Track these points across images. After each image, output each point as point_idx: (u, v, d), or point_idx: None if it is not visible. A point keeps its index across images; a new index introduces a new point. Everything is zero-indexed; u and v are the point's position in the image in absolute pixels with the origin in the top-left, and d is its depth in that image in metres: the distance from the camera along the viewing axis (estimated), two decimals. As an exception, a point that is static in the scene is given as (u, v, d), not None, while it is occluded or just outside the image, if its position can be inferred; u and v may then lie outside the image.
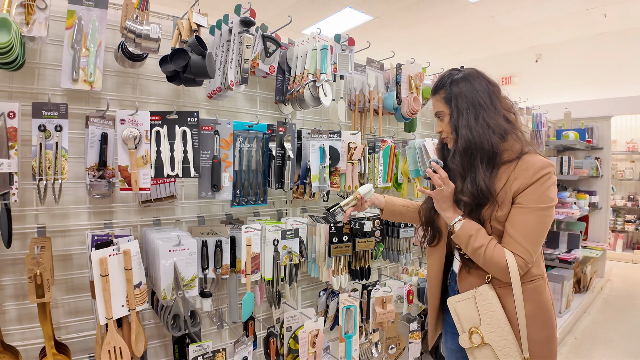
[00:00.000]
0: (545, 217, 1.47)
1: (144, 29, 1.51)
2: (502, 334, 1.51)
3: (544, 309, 1.54)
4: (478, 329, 1.55)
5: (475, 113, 1.52)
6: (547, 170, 1.46)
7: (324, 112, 2.48)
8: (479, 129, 1.50)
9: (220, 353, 1.77)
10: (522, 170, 1.48)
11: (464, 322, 1.59)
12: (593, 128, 5.76)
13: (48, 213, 1.60)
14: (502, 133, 1.51)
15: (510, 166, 1.51)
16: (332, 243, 2.13)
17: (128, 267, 1.50)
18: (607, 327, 4.49)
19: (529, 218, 1.46)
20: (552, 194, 1.47)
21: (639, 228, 7.76)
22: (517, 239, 1.46)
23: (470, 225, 1.52)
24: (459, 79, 1.58)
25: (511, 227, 1.48)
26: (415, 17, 6.56)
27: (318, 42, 1.98)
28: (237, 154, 1.86)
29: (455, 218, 1.56)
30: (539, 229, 1.47)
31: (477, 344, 1.55)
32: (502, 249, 1.47)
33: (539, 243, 1.49)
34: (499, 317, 1.52)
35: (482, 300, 1.55)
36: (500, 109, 1.55)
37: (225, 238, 1.81)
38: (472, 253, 1.52)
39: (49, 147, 1.45)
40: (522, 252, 1.46)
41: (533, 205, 1.45)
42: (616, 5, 6.05)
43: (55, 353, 1.52)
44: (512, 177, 1.49)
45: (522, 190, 1.46)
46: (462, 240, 1.53)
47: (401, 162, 2.60)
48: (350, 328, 2.28)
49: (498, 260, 1.46)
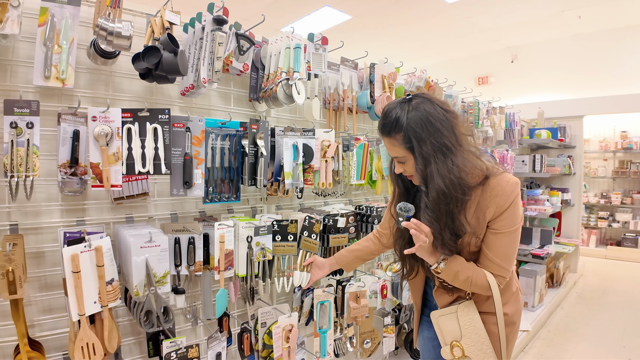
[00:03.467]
0: (518, 234, 1.52)
1: (115, 27, 1.52)
2: (482, 347, 1.56)
3: (512, 297, 1.64)
4: (459, 343, 1.59)
5: (443, 158, 1.39)
6: (516, 192, 1.45)
7: (298, 110, 2.51)
8: (451, 177, 1.38)
9: (193, 348, 1.78)
10: (493, 197, 1.44)
11: (446, 335, 1.63)
12: (565, 127, 5.89)
13: (20, 210, 1.60)
14: (473, 169, 1.44)
15: (477, 191, 1.46)
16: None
17: (100, 264, 1.51)
18: (580, 321, 4.61)
19: (504, 241, 1.49)
20: (521, 211, 1.51)
21: (611, 225, 7.96)
22: (496, 262, 1.50)
23: (454, 263, 1.50)
24: (415, 118, 1.40)
25: (489, 251, 1.50)
26: (393, 17, 6.62)
27: (291, 40, 2.01)
28: (209, 151, 1.88)
29: (438, 259, 1.51)
30: (514, 247, 1.52)
31: (458, 356, 1.59)
32: (484, 272, 1.51)
33: (514, 258, 1.56)
34: (479, 332, 1.57)
35: (463, 315, 1.59)
36: (463, 142, 1.45)
37: (198, 235, 1.82)
38: (460, 285, 1.54)
39: (21, 144, 1.45)
40: (501, 271, 1.51)
41: (508, 230, 1.47)
42: (590, 7, 6.19)
43: (29, 350, 1.51)
44: (482, 203, 1.46)
45: (497, 217, 1.46)
46: (449, 276, 1.52)
47: (375, 160, 2.63)
48: (325, 323, 2.31)
49: (482, 283, 1.50)
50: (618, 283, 6.09)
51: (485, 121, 3.87)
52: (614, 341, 4.08)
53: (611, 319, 4.67)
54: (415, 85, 2.99)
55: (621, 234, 7.83)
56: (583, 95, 7.27)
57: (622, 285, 5.96)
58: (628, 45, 7.12)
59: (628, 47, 7.15)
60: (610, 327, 4.44)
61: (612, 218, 8.07)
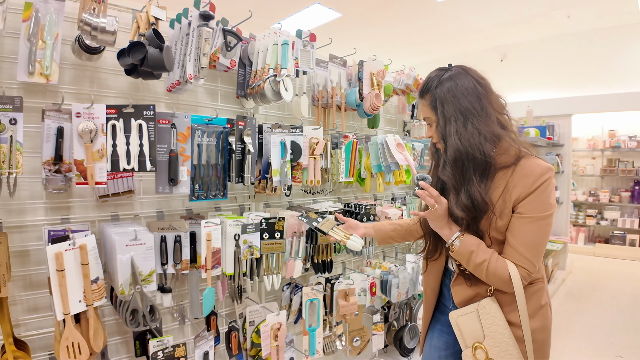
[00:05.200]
0: (547, 225, 1.41)
1: (100, 22, 1.50)
2: (507, 348, 1.45)
3: (540, 311, 1.51)
4: (482, 344, 1.48)
5: (463, 120, 1.41)
6: (547, 176, 1.38)
7: (287, 107, 2.50)
8: (468, 137, 1.39)
9: (180, 347, 1.77)
10: (522, 177, 1.40)
11: (466, 336, 1.52)
12: (554, 125, 5.94)
13: (4, 208, 1.58)
14: (495, 139, 1.42)
15: (507, 172, 1.43)
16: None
17: (85, 262, 1.49)
18: (569, 318, 4.64)
19: (530, 228, 1.39)
20: (552, 201, 1.41)
21: (599, 222, 8.03)
22: (519, 250, 1.40)
23: (470, 241, 1.45)
24: (444, 80, 1.46)
25: (513, 237, 1.42)
26: (383, 15, 6.62)
27: (279, 37, 1.99)
28: (195, 147, 1.86)
29: (453, 235, 1.48)
30: (541, 238, 1.41)
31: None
32: (505, 262, 1.41)
33: (541, 252, 1.43)
34: (503, 332, 1.45)
35: (485, 314, 1.48)
36: (491, 112, 1.44)
37: (184, 233, 1.81)
38: (475, 269, 1.45)
39: (4, 140, 1.43)
40: (524, 263, 1.40)
41: (534, 215, 1.38)
42: (580, 7, 6.22)
43: (14, 350, 1.49)
44: (510, 184, 1.41)
45: (523, 199, 1.39)
46: (463, 257, 1.46)
47: (364, 158, 2.63)
48: (314, 321, 2.30)
49: (501, 273, 1.40)
50: (606, 280, 6.15)
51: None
52: (603, 338, 4.12)
53: (600, 316, 4.71)
54: (404, 83, 2.99)
55: (609, 232, 7.90)
56: (572, 94, 7.32)
57: (611, 283, 6.02)
58: (617, 44, 7.18)
59: (617, 47, 7.21)
60: (599, 324, 4.48)
61: (600, 216, 8.14)
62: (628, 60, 7.27)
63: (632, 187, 7.74)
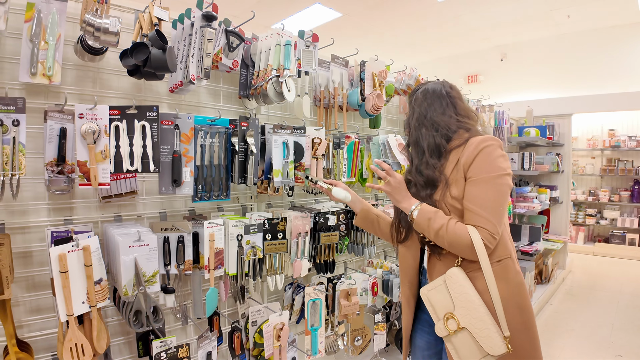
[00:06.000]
0: (500, 185, 1.49)
1: (103, 22, 1.50)
2: (478, 315, 1.47)
3: (516, 290, 1.53)
4: (453, 314, 1.52)
5: (425, 114, 1.69)
6: (487, 143, 1.53)
7: (289, 108, 2.49)
8: (426, 126, 1.67)
9: (183, 348, 1.77)
10: (467, 148, 1.55)
11: (438, 309, 1.56)
12: (554, 125, 5.94)
13: (7, 210, 1.57)
14: (449, 130, 1.64)
15: (459, 150, 1.58)
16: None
17: (88, 263, 1.49)
18: (569, 317, 4.65)
19: (482, 188, 1.49)
20: (501, 164, 1.51)
21: (599, 222, 8.03)
22: (476, 211, 1.48)
23: (427, 209, 1.55)
24: (424, 86, 1.75)
25: (468, 201, 1.51)
26: (384, 15, 6.63)
27: (281, 37, 1.99)
28: (198, 148, 1.86)
29: (412, 206, 1.58)
30: (496, 197, 1.49)
31: (453, 329, 1.51)
32: (464, 225, 1.48)
33: (498, 211, 1.49)
34: (472, 299, 1.48)
35: (452, 283, 1.52)
36: (450, 112, 1.68)
37: (187, 233, 1.80)
38: (435, 236, 1.52)
39: (6, 141, 1.42)
40: (484, 223, 1.46)
41: (484, 175, 1.49)
42: (579, 6, 6.24)
43: (17, 351, 1.49)
44: (461, 157, 1.56)
45: (470, 165, 1.52)
46: (423, 226, 1.54)
47: (366, 158, 2.63)
48: (316, 321, 2.31)
49: (461, 235, 1.46)
50: (606, 279, 6.16)
51: (475, 119, 3.88)
52: (603, 337, 4.12)
53: (600, 315, 4.72)
54: (406, 84, 2.99)
55: (609, 231, 7.91)
56: (571, 93, 7.32)
57: (610, 282, 6.02)
58: (616, 44, 7.19)
59: (616, 46, 7.22)
60: (599, 323, 4.48)
61: (600, 215, 8.15)
62: (628, 60, 7.28)
63: (631, 187, 7.75)
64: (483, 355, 1.47)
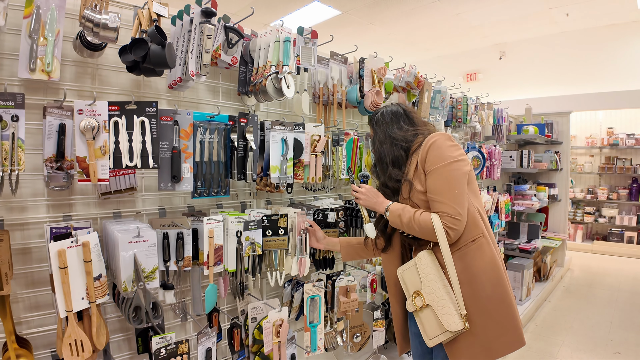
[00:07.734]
0: (452, 170, 1.67)
1: (102, 18, 1.50)
2: (440, 294, 1.68)
3: (490, 266, 1.70)
4: (420, 292, 1.74)
5: (384, 134, 1.88)
6: (434, 137, 1.73)
7: (288, 104, 2.49)
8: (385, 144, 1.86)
9: (183, 344, 1.77)
10: (422, 147, 1.75)
11: (409, 287, 1.79)
12: (553, 123, 5.94)
13: (6, 206, 1.57)
14: (408, 141, 1.83)
15: (418, 152, 1.77)
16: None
17: (87, 259, 1.49)
18: (567, 314, 4.67)
19: (437, 177, 1.67)
20: (451, 153, 1.69)
21: (597, 220, 8.05)
22: (436, 199, 1.67)
23: (397, 206, 1.78)
24: (382, 111, 1.95)
25: (429, 192, 1.70)
26: (383, 13, 6.61)
27: (280, 34, 1.99)
28: (197, 144, 1.86)
29: (385, 206, 1.82)
30: (450, 182, 1.66)
31: (419, 306, 1.73)
32: (427, 214, 1.67)
33: (454, 194, 1.65)
34: (436, 279, 1.70)
35: (421, 265, 1.74)
36: (408, 128, 1.87)
37: (187, 230, 1.80)
38: (408, 228, 1.72)
39: (5, 137, 1.42)
40: (444, 207, 1.65)
41: (437, 165, 1.67)
42: (578, 5, 6.22)
43: (17, 348, 1.49)
44: (419, 158, 1.74)
45: (424, 160, 1.71)
46: (396, 222, 1.76)
47: (365, 155, 2.63)
48: (315, 318, 2.31)
49: (425, 222, 1.66)
50: (604, 277, 6.17)
51: (473, 117, 3.88)
52: (601, 334, 4.14)
53: (598, 312, 4.73)
54: (405, 81, 2.99)
55: (607, 229, 7.93)
56: (570, 91, 7.34)
57: (609, 279, 6.04)
58: (615, 42, 7.19)
59: (615, 45, 7.22)
60: (597, 320, 4.50)
61: (598, 213, 8.17)
62: (626, 58, 7.28)
63: (630, 185, 7.77)
64: (442, 331, 1.68)
